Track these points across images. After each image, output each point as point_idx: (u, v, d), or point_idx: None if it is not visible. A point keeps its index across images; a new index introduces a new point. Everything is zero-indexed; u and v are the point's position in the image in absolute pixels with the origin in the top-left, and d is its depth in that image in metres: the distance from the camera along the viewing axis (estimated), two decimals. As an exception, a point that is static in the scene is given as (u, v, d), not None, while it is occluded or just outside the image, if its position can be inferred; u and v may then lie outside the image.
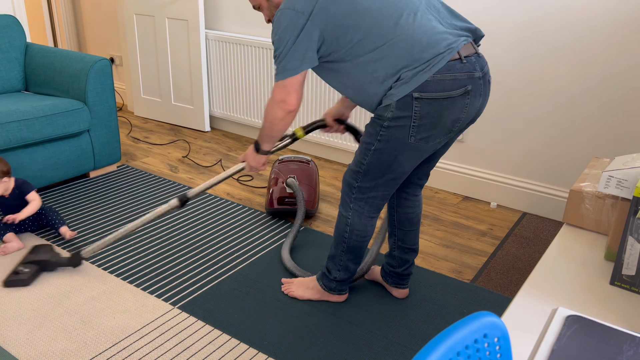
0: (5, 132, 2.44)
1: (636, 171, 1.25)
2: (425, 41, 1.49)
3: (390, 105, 1.54)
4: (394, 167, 1.65)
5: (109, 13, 4.29)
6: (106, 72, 2.83)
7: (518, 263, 2.31)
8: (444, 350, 0.58)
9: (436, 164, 1.91)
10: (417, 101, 1.50)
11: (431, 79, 1.48)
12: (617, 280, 1.19)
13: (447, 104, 1.51)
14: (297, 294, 2.01)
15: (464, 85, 1.51)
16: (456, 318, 1.94)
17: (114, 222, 2.52)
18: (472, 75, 1.52)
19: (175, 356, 1.71)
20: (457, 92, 1.51)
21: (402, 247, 1.95)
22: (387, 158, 1.63)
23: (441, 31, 1.52)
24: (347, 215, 1.79)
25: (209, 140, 3.70)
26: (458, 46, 1.51)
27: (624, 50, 2.35)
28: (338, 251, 1.88)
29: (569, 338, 0.78)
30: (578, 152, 2.58)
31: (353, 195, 1.75)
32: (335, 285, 1.95)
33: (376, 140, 1.61)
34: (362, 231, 1.80)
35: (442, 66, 1.48)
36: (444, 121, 1.54)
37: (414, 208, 1.91)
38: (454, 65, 1.50)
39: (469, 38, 1.56)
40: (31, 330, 1.80)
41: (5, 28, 2.97)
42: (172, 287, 2.06)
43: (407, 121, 1.54)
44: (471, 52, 1.54)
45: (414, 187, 1.89)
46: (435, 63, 1.48)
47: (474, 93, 1.54)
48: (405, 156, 1.62)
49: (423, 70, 1.49)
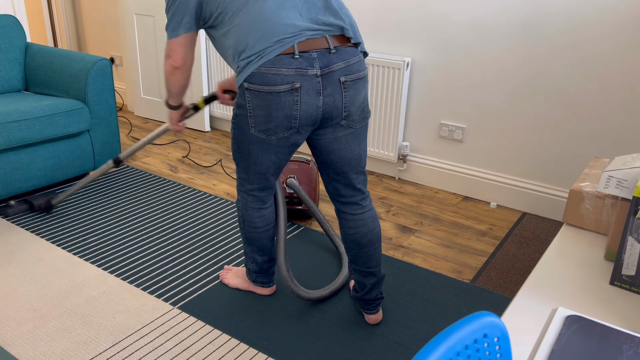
0: (5, 132, 2.44)
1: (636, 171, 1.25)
2: (262, 29, 1.46)
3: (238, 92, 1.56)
4: (251, 158, 1.64)
5: (109, 13, 4.29)
6: (106, 72, 2.84)
7: (518, 263, 2.31)
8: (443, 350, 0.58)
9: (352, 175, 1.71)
10: (248, 92, 1.51)
11: (257, 71, 1.46)
12: (617, 280, 1.19)
13: (272, 98, 1.48)
14: (228, 281, 2.06)
15: (290, 82, 1.46)
16: (456, 318, 1.94)
17: (114, 222, 2.53)
18: (304, 72, 1.47)
19: (175, 356, 1.71)
20: (281, 88, 1.47)
21: (356, 269, 1.83)
22: (243, 147, 1.64)
23: (284, 22, 1.46)
24: (238, 206, 1.82)
25: (209, 140, 3.70)
26: (294, 40, 1.45)
27: (624, 50, 2.35)
28: (243, 244, 1.91)
29: (568, 338, 0.78)
30: (578, 152, 2.58)
31: (238, 186, 1.79)
32: (255, 277, 1.97)
33: (233, 128, 1.64)
34: (251, 222, 1.80)
35: (269, 59, 1.45)
36: (275, 116, 1.51)
37: (355, 228, 1.75)
38: (282, 60, 1.45)
39: (325, 33, 1.50)
40: (31, 330, 1.80)
41: (5, 28, 2.97)
42: (172, 287, 2.06)
43: (245, 111, 1.55)
44: (317, 48, 1.48)
45: (346, 205, 1.76)
46: (263, 55, 1.45)
47: (306, 90, 1.48)
48: (256, 147, 1.60)
49: (252, 61, 1.47)
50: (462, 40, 2.73)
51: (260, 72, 1.46)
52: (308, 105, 1.50)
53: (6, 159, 2.50)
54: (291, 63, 1.45)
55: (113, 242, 2.36)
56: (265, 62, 1.45)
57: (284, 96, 1.48)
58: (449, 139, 2.93)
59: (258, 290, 2.02)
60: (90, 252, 2.27)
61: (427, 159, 3.04)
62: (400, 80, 2.90)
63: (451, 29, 2.75)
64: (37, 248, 2.28)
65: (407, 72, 2.90)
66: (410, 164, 3.09)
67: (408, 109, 3.02)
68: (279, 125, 1.53)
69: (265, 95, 1.48)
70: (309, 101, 1.50)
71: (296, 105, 1.49)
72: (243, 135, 1.60)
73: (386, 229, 2.58)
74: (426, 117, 2.97)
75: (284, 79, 1.46)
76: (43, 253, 2.25)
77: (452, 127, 2.89)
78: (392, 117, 3.00)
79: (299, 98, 1.48)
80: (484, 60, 2.70)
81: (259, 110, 1.51)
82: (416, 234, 2.54)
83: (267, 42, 1.45)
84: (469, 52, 2.73)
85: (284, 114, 1.50)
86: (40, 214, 2.56)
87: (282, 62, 1.45)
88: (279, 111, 1.50)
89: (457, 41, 2.75)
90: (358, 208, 1.75)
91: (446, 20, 2.75)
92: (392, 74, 2.92)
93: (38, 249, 2.28)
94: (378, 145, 3.10)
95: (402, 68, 2.86)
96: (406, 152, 3.06)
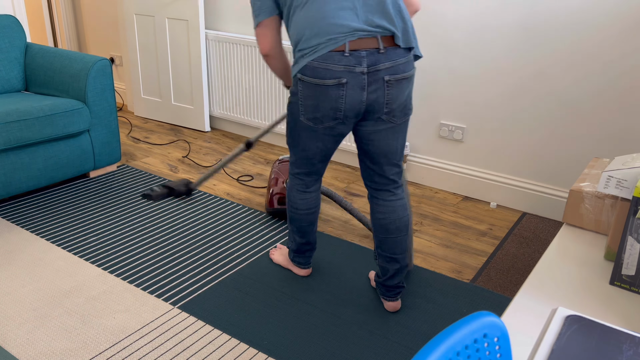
0: (5, 132, 2.44)
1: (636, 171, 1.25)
2: (318, 27, 1.57)
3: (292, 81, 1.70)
4: (300, 144, 1.78)
5: (109, 13, 4.29)
6: (106, 72, 2.84)
7: (518, 263, 2.31)
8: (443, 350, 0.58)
9: (387, 166, 1.80)
10: (300, 82, 1.65)
11: (309, 64, 1.59)
12: (617, 280, 1.19)
13: (321, 90, 1.61)
14: (274, 257, 2.22)
15: (337, 77, 1.58)
16: (456, 318, 1.94)
17: (114, 222, 2.53)
18: (352, 69, 1.58)
19: (175, 356, 1.71)
20: (330, 82, 1.59)
21: (381, 254, 1.90)
22: (294, 132, 1.78)
23: (340, 22, 1.56)
24: (287, 186, 1.98)
25: (209, 140, 3.70)
26: (346, 39, 1.56)
27: (624, 50, 2.35)
28: (288, 222, 2.05)
29: (568, 338, 0.78)
30: (578, 152, 2.58)
31: (289, 169, 1.93)
32: (293, 255, 2.12)
33: (288, 115, 1.79)
34: (294, 203, 1.94)
35: (321, 55, 1.57)
36: (323, 107, 1.64)
37: (385, 214, 1.84)
38: (333, 56, 1.57)
39: (377, 34, 1.59)
40: (31, 330, 1.80)
41: (5, 28, 2.97)
42: (172, 287, 2.06)
43: (297, 99, 1.70)
44: (366, 47, 1.58)
45: (378, 191, 1.85)
46: (316, 50, 1.58)
47: (352, 86, 1.60)
48: (305, 134, 1.75)
49: (306, 54, 1.60)
50: (462, 40, 2.73)
51: (312, 65, 1.59)
52: (353, 99, 1.62)
53: (6, 159, 2.50)
54: (341, 60, 1.57)
55: (113, 242, 2.36)
56: (318, 57, 1.58)
57: (332, 90, 1.61)
58: (448, 139, 2.93)
59: (295, 269, 2.14)
60: (90, 252, 2.27)
61: (427, 159, 3.04)
62: (400, 80, 2.90)
63: (451, 29, 2.75)
64: (37, 248, 2.28)
65: (407, 72, 2.90)
66: (410, 164, 3.09)
67: (408, 109, 3.02)
68: (325, 116, 1.66)
69: (314, 87, 1.62)
70: (353, 96, 1.62)
71: (342, 98, 1.62)
72: (294, 121, 1.76)
73: (386, 229, 2.58)
74: (426, 117, 2.97)
75: (333, 74, 1.58)
76: (43, 253, 2.25)
77: (452, 127, 2.89)
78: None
79: (344, 92, 1.61)
80: (484, 60, 2.70)
81: (308, 100, 1.66)
82: (416, 234, 2.54)
83: (320, 38, 1.57)
84: (469, 52, 2.73)
85: (330, 105, 1.64)
86: (43, 213, 2.56)
87: (332, 58, 1.57)
88: (326, 103, 1.63)
89: (457, 41, 2.75)
90: (390, 195, 1.85)
91: (446, 20, 2.75)
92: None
93: (38, 249, 2.28)
94: (378, 145, 3.10)
95: (402, 68, 2.86)
96: (406, 152, 3.06)
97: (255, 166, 3.28)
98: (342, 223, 2.62)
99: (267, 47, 1.75)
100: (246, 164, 3.31)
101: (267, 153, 3.50)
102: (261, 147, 3.61)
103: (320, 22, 1.57)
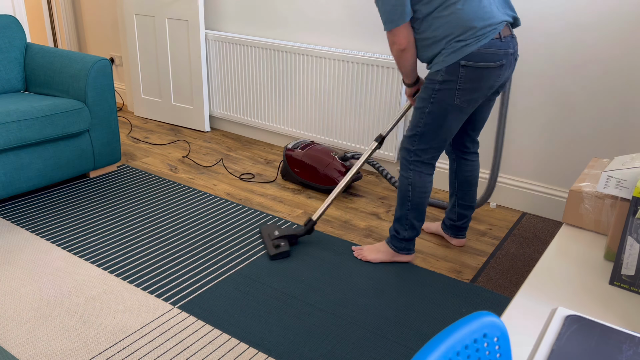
0: (5, 132, 2.44)
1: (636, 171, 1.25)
2: (479, 17, 1.84)
3: (441, 71, 1.89)
4: (444, 127, 1.99)
5: (109, 13, 4.29)
6: (106, 72, 2.84)
7: (517, 263, 2.31)
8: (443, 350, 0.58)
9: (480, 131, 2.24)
10: (463, 68, 1.87)
11: (476, 51, 1.84)
12: (617, 280, 1.19)
13: (486, 72, 1.88)
14: (370, 257, 2.27)
15: (500, 60, 1.88)
16: (456, 318, 1.94)
17: (114, 222, 2.53)
18: (507, 52, 1.89)
19: (175, 356, 1.71)
20: (494, 64, 1.88)
21: (461, 204, 2.33)
22: (438, 118, 1.97)
23: (493, 15, 1.86)
24: (408, 176, 2.10)
25: (209, 140, 3.70)
26: (499, 28, 1.86)
27: (624, 50, 2.35)
28: (404, 211, 2.16)
29: (568, 338, 0.78)
30: (578, 152, 2.58)
31: (411, 158, 2.08)
32: (405, 244, 2.22)
33: (429, 103, 1.96)
34: (423, 187, 2.10)
35: (486, 42, 1.84)
36: (482, 86, 1.91)
37: (471, 172, 2.28)
38: (495, 43, 1.86)
39: (509, 22, 1.92)
40: (31, 330, 1.80)
41: (5, 28, 2.97)
42: (172, 287, 2.06)
43: (454, 85, 1.90)
44: (508, 34, 1.91)
45: (467, 154, 2.26)
46: (482, 39, 1.84)
47: (506, 66, 1.92)
48: (452, 116, 1.96)
49: (470, 43, 1.84)
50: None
51: (480, 52, 1.84)
52: (503, 77, 1.96)
53: (6, 159, 2.50)
54: (501, 45, 1.87)
55: (113, 242, 2.36)
56: (485, 44, 1.84)
57: (494, 71, 1.89)
58: (448, 139, 2.93)
59: (403, 258, 2.26)
60: (90, 252, 2.27)
61: (427, 159, 3.03)
62: (400, 81, 2.90)
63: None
64: (37, 248, 2.28)
65: (407, 72, 2.90)
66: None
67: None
68: (481, 95, 1.94)
69: (480, 70, 1.87)
70: (505, 74, 1.95)
71: (499, 77, 1.93)
72: (442, 108, 1.95)
73: (386, 229, 2.59)
74: (426, 117, 2.97)
75: (497, 57, 1.87)
76: (43, 253, 2.25)
77: (452, 127, 2.89)
78: (391, 117, 3.00)
79: (502, 72, 1.92)
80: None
81: (469, 83, 1.89)
82: (416, 234, 2.54)
83: (485, 29, 1.84)
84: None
85: (489, 84, 1.92)
86: (43, 213, 2.56)
87: (495, 44, 1.86)
88: (487, 82, 1.91)
89: (457, 41, 2.74)
90: (475, 157, 2.29)
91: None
92: (392, 74, 2.92)
93: (38, 249, 2.28)
94: (378, 145, 3.10)
95: (402, 68, 2.87)
96: (406, 152, 3.06)
97: (255, 166, 3.28)
98: (342, 223, 2.62)
99: (406, 41, 1.94)
100: (246, 163, 3.31)
101: (267, 153, 3.50)
102: (261, 147, 3.61)
103: (482, 15, 1.84)
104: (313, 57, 3.19)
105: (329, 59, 3.13)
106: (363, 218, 2.68)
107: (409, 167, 2.09)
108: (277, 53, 3.34)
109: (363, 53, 3.03)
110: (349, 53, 3.04)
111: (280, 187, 3.00)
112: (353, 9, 3.04)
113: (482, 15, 1.84)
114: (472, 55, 1.85)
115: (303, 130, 3.42)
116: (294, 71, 3.31)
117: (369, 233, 2.53)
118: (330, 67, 3.15)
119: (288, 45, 3.27)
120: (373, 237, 2.49)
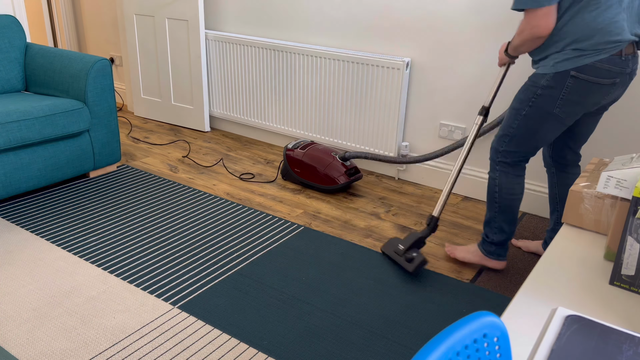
0: (5, 132, 2.44)
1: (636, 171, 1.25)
2: (609, 30, 1.71)
3: (547, 75, 1.79)
4: (538, 134, 1.90)
5: (109, 13, 4.29)
6: (106, 72, 2.84)
7: (518, 263, 2.31)
8: (443, 350, 0.58)
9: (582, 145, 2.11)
10: (572, 79, 1.76)
11: (591, 64, 1.72)
12: (617, 280, 1.19)
13: (595, 88, 1.77)
14: (459, 255, 2.25)
15: (614, 77, 1.76)
16: (456, 318, 1.94)
17: (114, 222, 2.53)
18: (624, 71, 1.77)
19: (175, 356, 1.71)
20: (606, 81, 1.76)
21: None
22: (533, 124, 1.88)
23: (622, 29, 1.72)
24: (495, 176, 2.05)
25: (209, 140, 3.70)
26: (622, 45, 1.73)
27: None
28: (492, 213, 2.10)
29: (568, 338, 0.78)
30: (578, 152, 2.58)
31: (498, 158, 2.02)
32: (495, 249, 2.14)
33: (527, 106, 1.87)
34: (510, 189, 2.03)
35: (605, 57, 1.72)
36: (587, 102, 1.80)
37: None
38: (614, 59, 1.73)
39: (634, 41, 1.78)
40: (31, 330, 1.80)
41: (5, 28, 2.97)
42: (172, 287, 2.06)
43: (557, 93, 1.79)
44: (630, 52, 1.78)
45: (568, 166, 2.14)
46: (602, 53, 1.72)
47: (619, 85, 1.80)
48: (549, 125, 1.87)
49: (588, 55, 1.72)
50: (461, 40, 2.73)
51: (595, 65, 1.73)
52: (613, 95, 1.83)
53: (6, 159, 2.50)
54: (618, 63, 1.74)
55: (113, 242, 2.36)
56: (602, 59, 1.72)
57: (604, 88, 1.78)
58: (448, 139, 2.93)
59: (492, 263, 2.17)
60: (90, 252, 2.27)
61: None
62: (400, 81, 2.90)
63: (451, 29, 2.75)
64: (37, 248, 2.28)
65: (406, 72, 2.90)
66: (409, 164, 3.09)
67: (407, 109, 3.02)
68: (583, 109, 1.83)
69: (590, 85, 1.76)
70: (615, 93, 1.83)
71: (607, 95, 1.81)
72: (539, 113, 1.85)
73: (386, 229, 2.58)
74: (426, 117, 2.97)
75: (611, 74, 1.75)
76: (43, 253, 2.25)
77: (452, 127, 2.89)
78: (391, 117, 3.01)
79: (612, 90, 1.80)
80: (483, 60, 2.70)
81: (574, 96, 1.78)
82: (416, 234, 2.54)
83: (607, 44, 1.71)
84: (469, 52, 2.73)
85: (594, 101, 1.80)
86: (43, 213, 2.56)
87: (613, 61, 1.73)
88: (592, 98, 1.79)
89: (457, 41, 2.75)
90: (577, 169, 2.16)
91: (446, 20, 2.75)
92: (392, 74, 2.92)
93: (38, 249, 2.28)
94: (378, 145, 3.10)
95: (401, 68, 2.87)
96: (406, 152, 3.06)
97: (255, 166, 3.28)
98: (342, 223, 2.62)
99: (549, 28, 1.74)
100: (246, 163, 3.31)
101: (267, 153, 3.50)
102: (261, 147, 3.61)
103: (607, 27, 1.70)
104: (313, 57, 3.19)
105: (329, 59, 3.13)
106: (363, 218, 2.68)
107: (496, 167, 2.03)
108: (277, 53, 3.34)
109: (363, 53, 3.03)
110: (349, 53, 3.04)
111: (280, 187, 3.00)
112: (353, 9, 3.04)
113: (612, 29, 1.70)
114: (586, 68, 1.73)
115: (303, 130, 3.42)
116: (294, 71, 3.31)
117: (369, 233, 2.53)
118: (330, 67, 3.15)
119: (288, 45, 3.27)
120: (373, 237, 2.49)
